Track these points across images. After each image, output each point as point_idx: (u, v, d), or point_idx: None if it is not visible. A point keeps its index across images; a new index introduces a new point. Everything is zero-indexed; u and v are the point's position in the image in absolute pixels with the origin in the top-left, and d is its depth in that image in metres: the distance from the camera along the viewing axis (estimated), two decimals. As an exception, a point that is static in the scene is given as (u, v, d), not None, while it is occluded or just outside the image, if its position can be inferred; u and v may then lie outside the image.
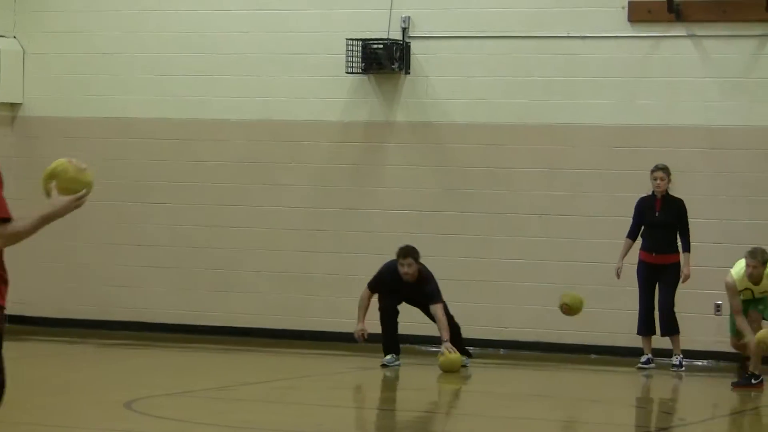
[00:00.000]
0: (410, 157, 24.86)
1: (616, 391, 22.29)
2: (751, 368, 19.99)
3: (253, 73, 26.01)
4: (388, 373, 23.03)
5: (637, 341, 22.94)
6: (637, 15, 24.08)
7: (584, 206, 23.81)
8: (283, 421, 18.10)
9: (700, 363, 23.61)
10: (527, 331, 24.11)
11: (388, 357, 22.42)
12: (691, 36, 23.92)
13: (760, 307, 20.88)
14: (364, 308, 22.63)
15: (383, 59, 24.75)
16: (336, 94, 25.37)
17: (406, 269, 21.78)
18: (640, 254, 22.50)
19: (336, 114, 25.39)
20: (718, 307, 23.06)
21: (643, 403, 21.84)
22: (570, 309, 19.32)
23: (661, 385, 23.09)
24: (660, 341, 22.95)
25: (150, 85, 26.76)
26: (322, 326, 25.28)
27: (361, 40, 24.66)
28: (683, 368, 22.58)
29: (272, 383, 21.92)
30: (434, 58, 25.11)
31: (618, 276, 22.30)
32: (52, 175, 8.63)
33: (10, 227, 7.81)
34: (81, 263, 26.58)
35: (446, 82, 24.97)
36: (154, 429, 17.12)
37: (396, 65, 24.68)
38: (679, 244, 22.61)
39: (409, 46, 24.88)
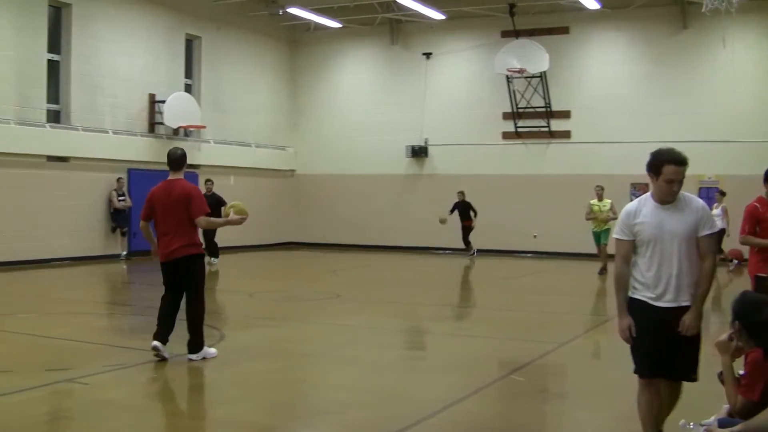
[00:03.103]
0: (427, 186, 27.93)
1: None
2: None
3: (374, 155, 28.92)
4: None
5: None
6: (504, 137, 27.19)
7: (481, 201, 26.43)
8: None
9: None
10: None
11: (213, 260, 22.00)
12: (524, 143, 26.99)
13: (603, 238, 20.35)
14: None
15: (418, 152, 28.31)
16: (402, 164, 28.62)
17: (210, 185, 21.85)
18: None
19: (402, 170, 28.70)
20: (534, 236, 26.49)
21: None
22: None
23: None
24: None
25: (342, 159, 29.54)
26: (383, 242, 28.30)
27: (411, 145, 28.20)
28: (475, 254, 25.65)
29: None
30: (435, 151, 28.25)
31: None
32: (232, 206, 10.04)
33: (209, 218, 9.83)
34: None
35: (438, 159, 28.20)
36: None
37: (423, 154, 28.34)
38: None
39: (428, 147, 28.36)
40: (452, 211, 25.77)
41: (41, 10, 21.80)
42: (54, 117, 22.50)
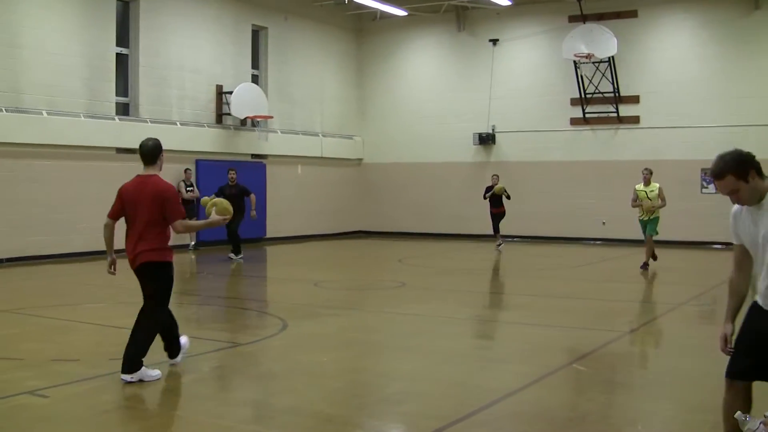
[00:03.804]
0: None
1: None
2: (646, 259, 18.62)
3: (441, 143, 29.02)
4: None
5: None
6: (573, 122, 27.02)
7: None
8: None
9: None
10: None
11: (234, 255, 20.81)
12: (592, 129, 26.78)
13: (650, 228, 18.55)
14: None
15: (486, 139, 28.14)
16: (469, 152, 28.59)
17: (233, 175, 20.76)
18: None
19: (469, 158, 28.66)
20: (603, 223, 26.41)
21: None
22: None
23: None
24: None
25: (409, 148, 29.70)
26: (451, 230, 28.46)
27: (478, 133, 28.06)
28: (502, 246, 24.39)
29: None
30: (502, 138, 28.08)
31: None
32: (214, 205, 8.85)
33: (187, 222, 8.61)
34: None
35: (506, 146, 28.08)
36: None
37: (491, 141, 28.17)
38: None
39: (495, 135, 28.20)
40: (486, 195, 24.61)
41: (109, 4, 22.28)
42: (123, 110, 22.94)
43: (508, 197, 24.46)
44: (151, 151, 8.51)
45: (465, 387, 8.17)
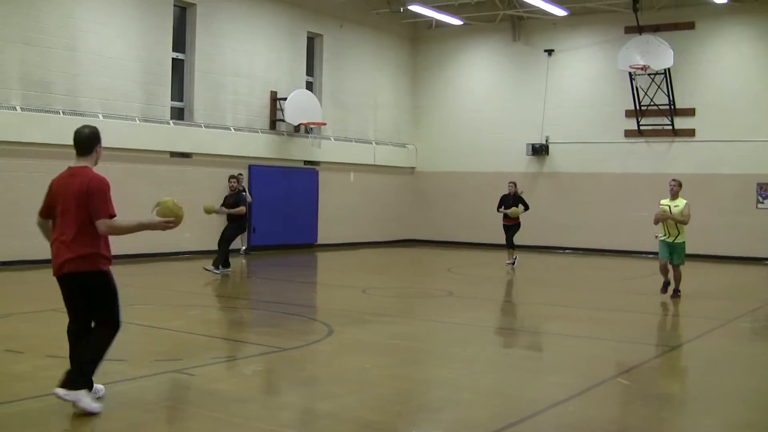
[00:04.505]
0: (547, 185, 27.71)
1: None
2: (675, 286, 16.16)
3: (494, 153, 28.97)
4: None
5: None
6: (627, 134, 26.89)
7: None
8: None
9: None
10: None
11: (214, 267, 18.43)
12: (647, 141, 26.59)
13: (676, 258, 16.12)
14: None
15: (539, 150, 28.10)
16: (522, 162, 28.44)
17: (233, 183, 19.04)
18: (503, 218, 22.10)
19: (522, 168, 28.34)
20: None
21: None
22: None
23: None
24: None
25: (462, 157, 29.74)
26: (502, 240, 27.00)
27: (531, 143, 28.04)
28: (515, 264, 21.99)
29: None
30: (556, 149, 28.04)
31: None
32: (158, 204, 7.46)
33: (113, 222, 7.02)
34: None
35: (559, 157, 27.99)
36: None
37: (544, 152, 28.13)
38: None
39: (549, 145, 28.18)
40: (500, 206, 22.25)
41: (167, 10, 22.58)
42: (178, 114, 23.27)
43: (526, 207, 22.28)
44: (86, 140, 7.52)
45: (507, 397, 8.12)
